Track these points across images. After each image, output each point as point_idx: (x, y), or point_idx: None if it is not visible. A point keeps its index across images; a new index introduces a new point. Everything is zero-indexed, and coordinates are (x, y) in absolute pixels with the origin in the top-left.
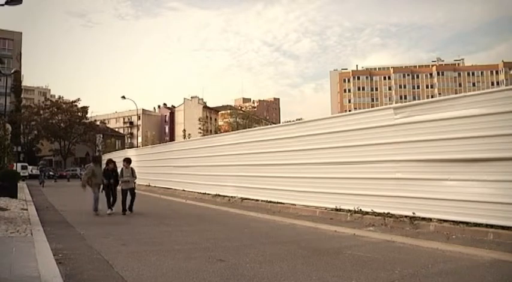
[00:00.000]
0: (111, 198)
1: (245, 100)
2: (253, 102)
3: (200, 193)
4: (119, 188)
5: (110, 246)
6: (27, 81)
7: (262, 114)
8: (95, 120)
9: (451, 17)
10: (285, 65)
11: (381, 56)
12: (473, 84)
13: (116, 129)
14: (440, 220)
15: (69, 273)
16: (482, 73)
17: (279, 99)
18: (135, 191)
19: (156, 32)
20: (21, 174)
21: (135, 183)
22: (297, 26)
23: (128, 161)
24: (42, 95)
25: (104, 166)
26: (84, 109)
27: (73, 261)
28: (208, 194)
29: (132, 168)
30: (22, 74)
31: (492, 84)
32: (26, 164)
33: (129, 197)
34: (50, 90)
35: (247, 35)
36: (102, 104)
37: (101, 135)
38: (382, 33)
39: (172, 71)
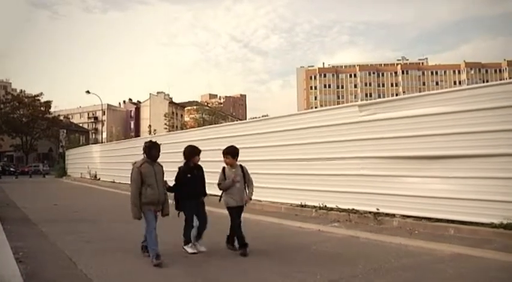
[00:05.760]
0: (200, 221)
1: (212, 96)
2: (220, 99)
3: None
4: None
5: (74, 244)
6: None
7: (228, 110)
8: (59, 115)
9: (418, 16)
10: (252, 61)
11: (349, 53)
12: (437, 83)
13: (80, 125)
14: (404, 216)
15: (30, 272)
16: (445, 72)
17: (245, 95)
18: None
19: (123, 26)
20: None
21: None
22: (266, 22)
23: (232, 152)
24: (2, 88)
25: (161, 160)
26: (47, 104)
27: (34, 260)
28: None
29: (243, 167)
30: None
31: (454, 83)
32: None
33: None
34: (11, 83)
35: (216, 31)
36: (66, 99)
37: (65, 131)
38: (351, 31)
39: (138, 66)
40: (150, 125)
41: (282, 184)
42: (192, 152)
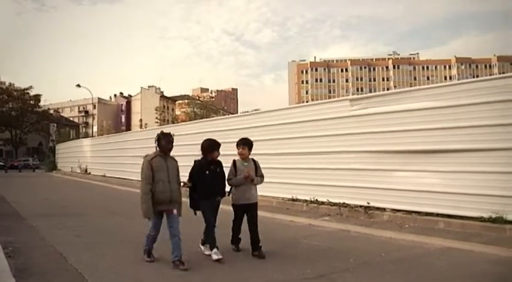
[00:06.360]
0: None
1: (203, 90)
2: (212, 92)
3: None
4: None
5: (64, 238)
6: None
7: (220, 104)
8: (49, 109)
9: (410, 11)
10: (245, 55)
11: (341, 48)
12: (428, 78)
13: (71, 119)
14: (394, 210)
15: (20, 267)
16: (436, 67)
17: (237, 89)
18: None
19: (114, 19)
20: None
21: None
22: (258, 16)
23: (248, 143)
24: None
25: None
26: (37, 97)
27: (24, 255)
28: None
29: (255, 162)
30: None
31: (445, 78)
32: None
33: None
34: None
35: (208, 24)
36: (56, 92)
37: (55, 125)
38: (343, 25)
39: (129, 59)
40: (141, 119)
41: (273, 178)
42: (210, 146)
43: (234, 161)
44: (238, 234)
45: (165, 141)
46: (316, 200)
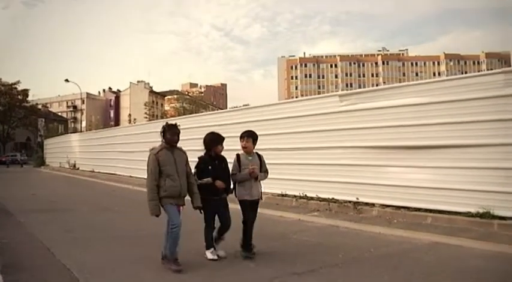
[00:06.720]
0: (222, 223)
1: (192, 85)
2: (201, 88)
3: (146, 179)
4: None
5: (52, 234)
6: None
7: (209, 99)
8: (37, 104)
9: (399, 7)
10: (234, 50)
11: (330, 43)
12: (417, 74)
13: (59, 114)
14: (383, 205)
15: (7, 263)
16: (425, 63)
17: (226, 84)
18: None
19: (102, 13)
20: None
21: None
22: (247, 11)
23: (252, 135)
24: None
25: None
26: (25, 92)
27: (11, 250)
28: None
29: (260, 156)
30: None
31: (434, 74)
32: None
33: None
34: None
35: (197, 19)
36: (45, 87)
37: (43, 120)
38: (333, 21)
39: (118, 54)
40: (130, 114)
41: None
42: (213, 140)
43: (238, 155)
44: (250, 238)
45: (170, 134)
46: (306, 195)
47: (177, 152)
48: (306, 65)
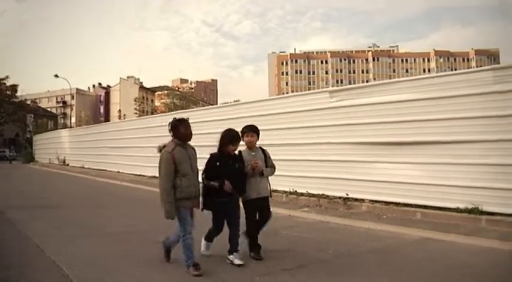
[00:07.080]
0: (231, 230)
1: (183, 81)
2: (191, 83)
3: (136, 175)
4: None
5: (42, 231)
6: None
7: (199, 95)
8: (26, 100)
9: (390, 3)
10: (225, 46)
11: (321, 40)
12: (407, 71)
13: (48, 109)
14: (372, 201)
15: None
16: (415, 60)
17: (216, 80)
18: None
19: (92, 9)
20: None
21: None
22: (238, 7)
23: (254, 129)
24: None
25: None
26: (14, 87)
27: (0, 248)
28: (145, 176)
29: (264, 150)
30: None
31: (424, 71)
32: None
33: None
34: None
35: (188, 15)
36: (34, 83)
37: (32, 115)
38: (323, 17)
39: (108, 49)
40: (120, 110)
41: None
42: (230, 139)
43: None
44: (256, 238)
45: (184, 127)
46: (296, 191)
47: (189, 149)
48: (296, 61)
